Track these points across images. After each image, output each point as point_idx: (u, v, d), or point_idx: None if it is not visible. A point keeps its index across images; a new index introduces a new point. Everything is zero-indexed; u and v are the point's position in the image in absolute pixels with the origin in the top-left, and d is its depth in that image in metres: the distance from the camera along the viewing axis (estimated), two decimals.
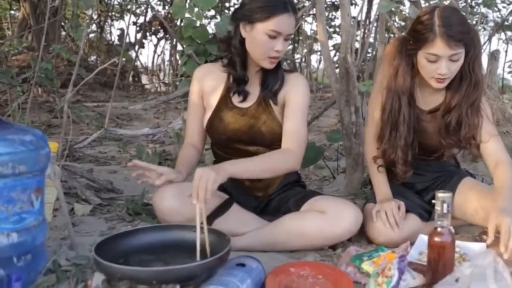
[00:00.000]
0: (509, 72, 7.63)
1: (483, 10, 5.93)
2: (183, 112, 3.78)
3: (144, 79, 8.10)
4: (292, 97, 1.63)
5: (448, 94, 1.67)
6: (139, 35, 7.70)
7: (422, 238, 1.51)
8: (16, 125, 1.18)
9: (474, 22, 5.41)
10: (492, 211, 1.43)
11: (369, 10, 6.53)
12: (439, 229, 1.25)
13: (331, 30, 7.79)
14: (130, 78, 7.54)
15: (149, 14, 7.55)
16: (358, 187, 2.32)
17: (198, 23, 2.30)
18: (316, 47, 7.96)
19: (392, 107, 1.67)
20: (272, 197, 1.72)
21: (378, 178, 1.77)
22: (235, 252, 1.37)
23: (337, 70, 2.39)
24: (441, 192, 1.26)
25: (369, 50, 5.73)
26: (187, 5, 2.32)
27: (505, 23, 6.11)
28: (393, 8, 2.50)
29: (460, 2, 4.81)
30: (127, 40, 7.07)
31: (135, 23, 7.72)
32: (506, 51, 7.98)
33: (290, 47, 8.25)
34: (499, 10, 6.25)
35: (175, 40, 7.35)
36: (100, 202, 2.03)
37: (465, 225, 1.79)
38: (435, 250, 1.25)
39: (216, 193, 1.61)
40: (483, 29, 7.02)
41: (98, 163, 2.91)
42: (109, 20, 7.91)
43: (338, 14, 7.56)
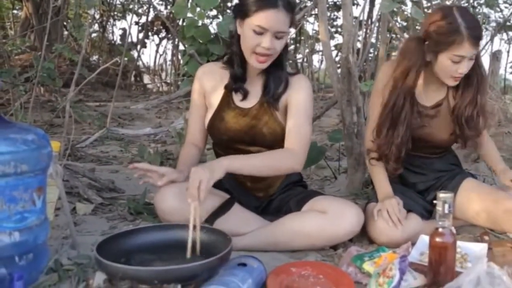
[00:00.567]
0: (511, 73, 7.62)
1: (485, 10, 5.93)
2: (185, 111, 3.78)
3: (146, 78, 8.12)
4: (295, 98, 1.61)
5: (460, 89, 1.73)
6: (141, 35, 7.72)
7: (423, 239, 1.51)
8: (18, 124, 1.19)
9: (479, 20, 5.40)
10: (502, 172, 1.76)
11: (371, 10, 6.53)
12: (440, 230, 1.25)
13: (333, 30, 7.80)
14: (132, 78, 7.56)
15: (151, 14, 7.57)
16: (359, 187, 2.32)
17: (200, 23, 2.30)
18: (318, 47, 7.97)
19: (395, 105, 1.68)
20: (273, 197, 1.72)
21: (379, 177, 1.77)
22: (236, 252, 1.37)
23: (339, 70, 2.39)
24: (442, 192, 1.26)
25: (371, 50, 5.73)
26: (189, 5, 2.32)
27: (507, 23, 6.09)
28: (395, 8, 2.50)
29: (462, 2, 4.81)
30: (129, 40, 7.10)
31: (137, 23, 7.73)
32: (508, 52, 7.97)
33: (292, 47, 8.25)
34: (501, 11, 6.25)
35: (177, 39, 7.36)
36: (102, 201, 2.04)
37: (466, 225, 1.79)
38: (436, 251, 1.25)
39: (218, 193, 1.62)
40: (485, 30, 7.01)
41: (100, 163, 2.91)
42: (111, 20, 7.93)
43: (340, 14, 7.56)
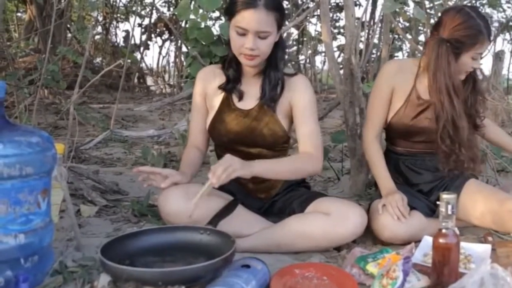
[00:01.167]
0: None
1: (488, 10, 5.92)
2: (188, 113, 3.79)
3: (149, 80, 8.14)
4: (299, 101, 1.62)
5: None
6: (144, 37, 7.74)
7: (427, 240, 1.51)
8: (23, 127, 1.20)
9: None
10: None
11: (373, 11, 6.53)
12: (443, 231, 1.25)
13: (336, 31, 7.80)
14: (135, 80, 7.58)
15: (154, 16, 7.60)
16: (362, 188, 2.32)
17: (202, 25, 2.31)
18: (320, 48, 7.97)
19: (453, 111, 1.69)
20: (276, 199, 1.72)
21: (381, 172, 1.79)
22: (240, 254, 1.38)
23: (341, 71, 2.39)
24: (445, 193, 1.25)
25: (374, 51, 5.72)
26: (192, 7, 2.33)
27: (510, 23, 6.08)
28: (397, 9, 2.50)
29: (465, 2, 4.80)
30: (132, 42, 7.12)
31: (140, 25, 7.76)
32: (511, 52, 7.95)
33: (295, 48, 8.26)
34: (504, 11, 6.23)
35: (180, 41, 7.38)
36: (106, 203, 2.04)
37: (469, 226, 1.79)
38: (439, 252, 1.25)
39: (221, 194, 1.62)
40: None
41: (103, 165, 2.92)
42: (114, 22, 7.96)
43: (342, 15, 7.56)
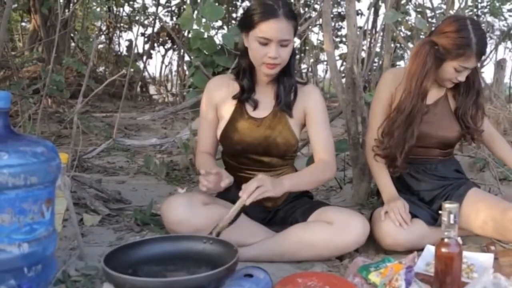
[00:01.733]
0: None
1: (490, 19, 5.94)
2: (190, 122, 3.80)
3: (152, 89, 8.17)
4: (314, 109, 1.67)
5: (462, 91, 1.83)
6: (147, 46, 7.79)
7: (429, 249, 1.51)
8: (28, 136, 1.21)
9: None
10: None
11: (375, 20, 6.56)
12: (446, 240, 1.25)
13: (338, 40, 7.83)
14: (138, 89, 7.61)
15: (157, 25, 7.64)
16: (365, 197, 2.32)
17: (205, 35, 2.33)
18: (323, 57, 7.99)
19: (413, 108, 1.71)
20: (279, 208, 1.73)
21: (383, 179, 1.81)
22: (243, 263, 1.37)
23: (343, 80, 2.40)
24: (448, 202, 1.26)
25: (375, 60, 5.74)
26: (195, 17, 2.35)
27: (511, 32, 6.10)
28: (399, 19, 2.52)
29: (467, 11, 4.82)
30: (135, 51, 7.17)
31: (143, 34, 7.81)
32: None
33: (297, 57, 8.28)
34: (505, 19, 6.25)
35: (182, 50, 7.41)
36: (109, 212, 2.05)
37: (472, 235, 1.79)
38: (442, 261, 1.25)
39: (224, 204, 1.63)
40: (490, 38, 7.01)
41: (106, 174, 2.93)
42: (117, 32, 8.01)
43: (344, 24, 7.59)
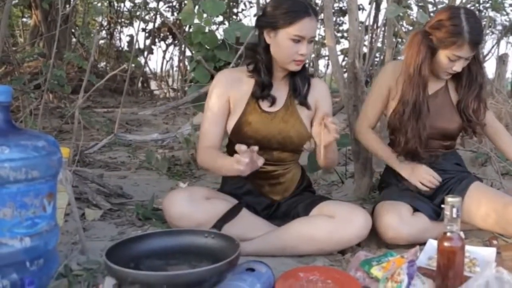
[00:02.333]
0: None
1: (491, 13, 5.90)
2: (192, 117, 3.80)
3: (153, 85, 8.16)
4: (324, 104, 1.73)
5: (463, 84, 1.82)
6: (148, 41, 7.77)
7: (431, 243, 1.50)
8: (29, 131, 1.20)
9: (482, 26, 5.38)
10: None
11: (376, 15, 6.53)
12: (448, 234, 1.24)
13: (339, 35, 7.80)
14: (139, 84, 7.60)
15: (158, 21, 7.62)
16: (366, 192, 2.32)
17: (207, 29, 2.32)
18: (324, 52, 7.97)
19: (416, 99, 1.71)
20: (281, 202, 1.73)
21: (387, 153, 1.83)
22: (244, 257, 1.38)
23: (345, 75, 2.39)
24: (450, 196, 1.25)
25: (377, 55, 5.71)
26: (196, 12, 2.34)
27: None
28: (400, 13, 2.50)
29: (469, 5, 4.80)
30: (136, 46, 7.14)
31: (144, 30, 7.78)
32: None
33: None
34: (507, 14, 6.21)
35: (183, 45, 7.39)
36: (111, 207, 2.05)
37: (474, 230, 1.79)
38: (444, 255, 1.24)
39: (225, 198, 1.63)
40: (491, 33, 6.98)
41: (108, 169, 2.93)
42: (118, 27, 7.99)
43: (345, 19, 7.56)
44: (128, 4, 7.76)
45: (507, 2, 5.54)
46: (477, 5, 5.15)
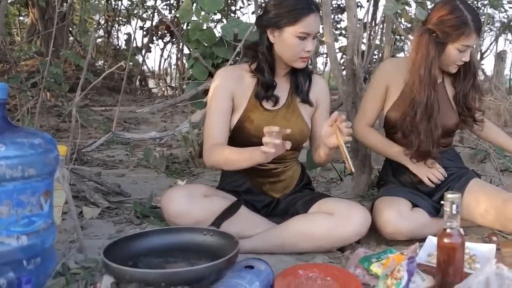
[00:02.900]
0: None
1: (490, 10, 5.90)
2: (190, 115, 3.79)
3: (151, 83, 8.15)
4: (324, 102, 1.74)
5: (459, 76, 1.82)
6: (145, 40, 7.76)
7: (431, 240, 1.50)
8: (25, 128, 1.19)
9: None
10: None
11: (374, 12, 6.52)
12: (448, 230, 1.23)
13: (337, 32, 7.80)
14: (137, 83, 7.59)
15: (156, 19, 7.61)
16: (365, 189, 2.32)
17: (204, 26, 2.31)
18: (322, 49, 7.96)
19: (428, 99, 1.70)
20: (280, 199, 1.72)
21: (390, 146, 1.82)
22: (243, 255, 1.37)
23: (343, 72, 2.38)
24: (450, 193, 1.24)
25: (375, 53, 5.70)
26: (194, 9, 2.33)
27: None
28: (399, 11, 2.49)
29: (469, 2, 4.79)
30: (134, 45, 7.13)
31: (141, 28, 7.77)
32: None
33: None
34: (505, 11, 6.22)
35: (181, 44, 7.38)
36: (109, 205, 2.04)
37: (473, 226, 1.78)
38: (444, 252, 1.23)
39: (224, 195, 1.62)
40: (490, 30, 6.99)
41: (106, 167, 2.92)
42: (116, 25, 7.98)
43: (343, 16, 7.56)
44: (125, 2, 7.76)
45: None
46: (475, 2, 5.14)
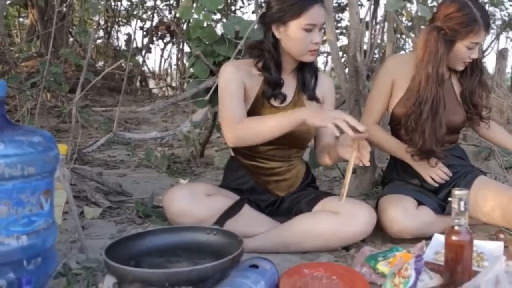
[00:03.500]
0: None
1: (491, 8, 5.88)
2: (191, 115, 3.77)
3: (152, 83, 8.14)
4: (330, 99, 1.74)
5: (466, 73, 1.82)
6: (146, 40, 7.74)
7: (438, 238, 1.48)
8: (24, 126, 1.17)
9: None
10: None
11: (375, 10, 6.50)
12: (456, 228, 1.21)
13: (338, 31, 7.77)
14: (138, 83, 7.57)
15: (156, 19, 7.59)
16: (369, 187, 2.30)
17: (205, 24, 2.29)
18: (323, 48, 7.94)
19: (434, 97, 1.68)
20: (284, 198, 1.70)
21: (395, 145, 1.80)
22: (248, 254, 1.35)
23: (346, 70, 2.36)
24: (458, 189, 1.22)
25: (375, 52, 5.68)
26: (194, 6, 2.31)
27: None
28: (399, 9, 2.48)
29: None
30: (134, 45, 7.11)
31: (141, 28, 7.76)
32: None
33: None
34: (506, 9, 6.20)
35: (182, 44, 7.37)
36: (110, 205, 2.02)
37: (480, 224, 1.76)
38: (452, 249, 1.21)
39: (228, 194, 1.60)
40: (491, 28, 6.96)
41: (107, 167, 2.91)
42: (116, 26, 7.96)
43: (344, 15, 7.54)
44: (125, 2, 7.74)
45: None
46: None
